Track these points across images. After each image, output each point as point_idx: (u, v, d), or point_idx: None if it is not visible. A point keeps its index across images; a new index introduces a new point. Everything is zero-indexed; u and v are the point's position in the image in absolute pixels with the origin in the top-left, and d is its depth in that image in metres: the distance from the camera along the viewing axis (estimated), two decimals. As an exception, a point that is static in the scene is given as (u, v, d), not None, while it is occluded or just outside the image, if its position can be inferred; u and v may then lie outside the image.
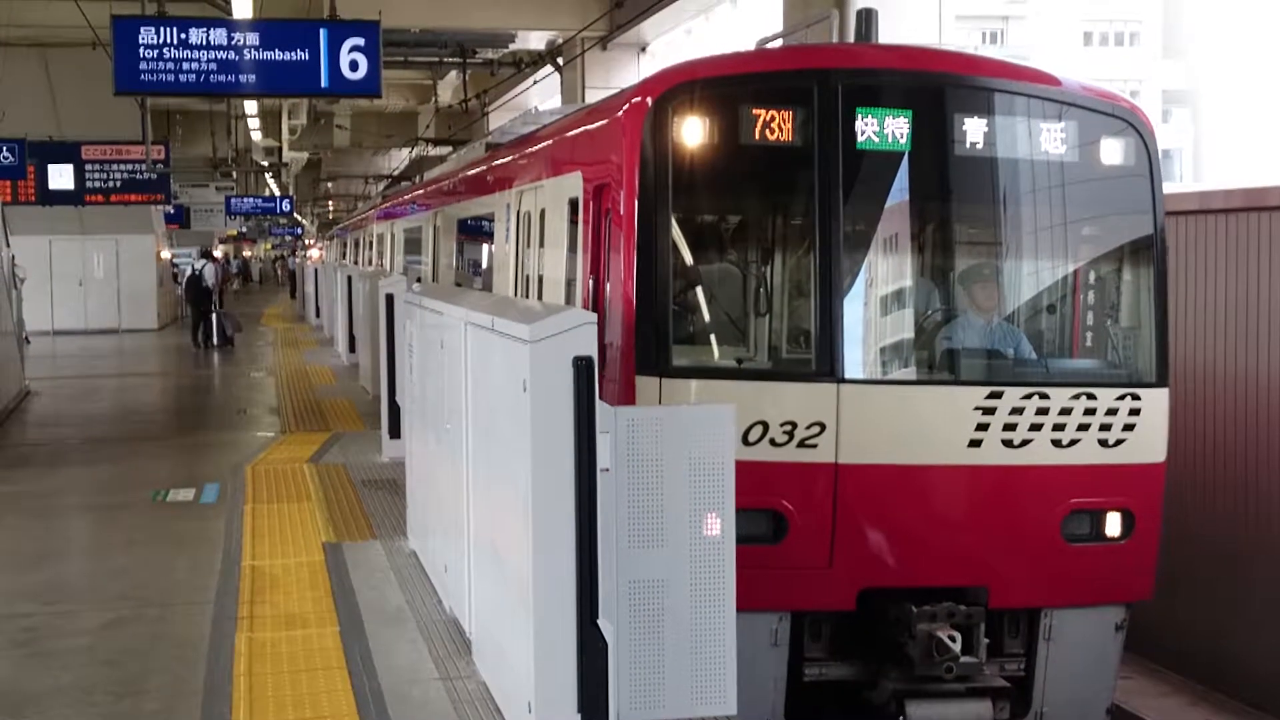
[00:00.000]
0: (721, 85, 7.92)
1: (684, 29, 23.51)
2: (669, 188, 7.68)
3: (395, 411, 11.72)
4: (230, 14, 17.72)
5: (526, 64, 28.93)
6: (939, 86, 7.99)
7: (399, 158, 48.70)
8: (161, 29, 11.84)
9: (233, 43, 11.99)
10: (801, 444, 7.46)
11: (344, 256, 40.04)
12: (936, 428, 7.61)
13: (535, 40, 28.56)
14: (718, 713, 5.61)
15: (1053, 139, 7.98)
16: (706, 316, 8.25)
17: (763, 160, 7.87)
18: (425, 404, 8.06)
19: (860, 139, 7.72)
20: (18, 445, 14.43)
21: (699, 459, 5.49)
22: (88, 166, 25.26)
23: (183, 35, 11.86)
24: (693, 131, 7.65)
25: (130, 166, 25.42)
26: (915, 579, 7.62)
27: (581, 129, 9.69)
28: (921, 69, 8.08)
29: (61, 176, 24.98)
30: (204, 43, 11.90)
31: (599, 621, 5.05)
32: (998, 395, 7.61)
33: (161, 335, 32.23)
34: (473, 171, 15.66)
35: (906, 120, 7.76)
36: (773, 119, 7.62)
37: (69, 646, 7.11)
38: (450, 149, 32.76)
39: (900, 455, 7.55)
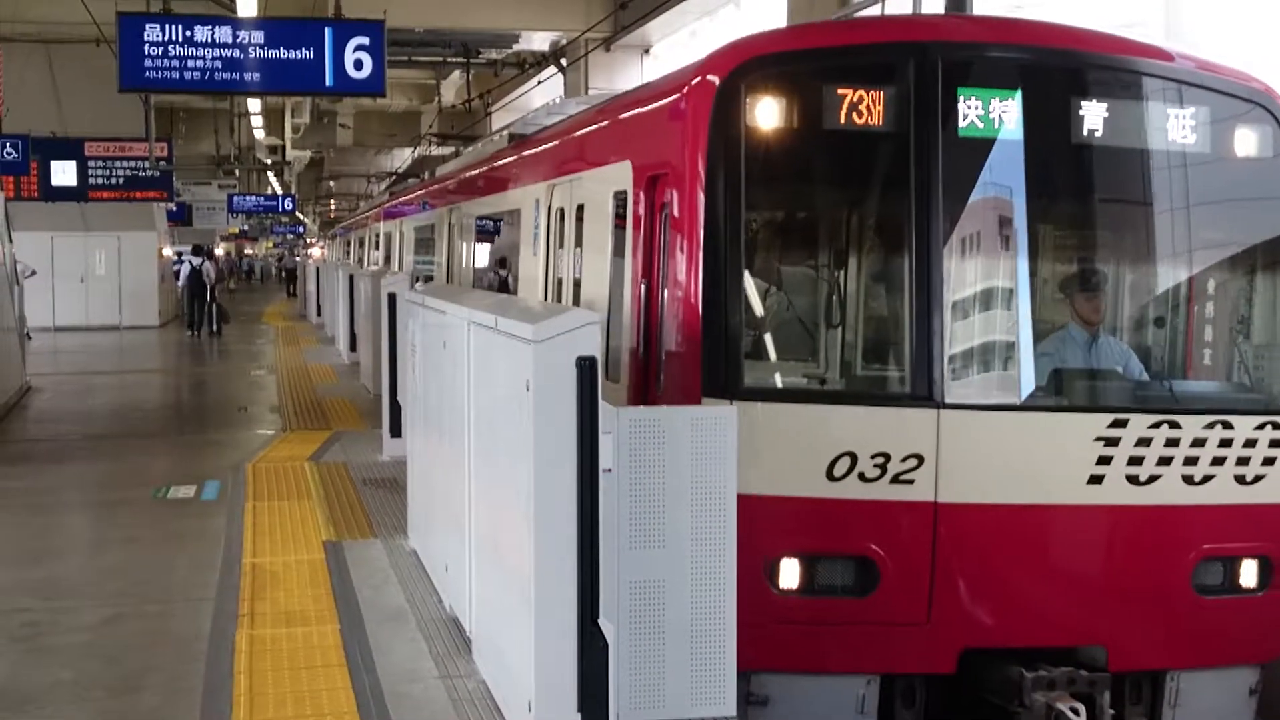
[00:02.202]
0: (801, 61, 6.84)
1: (688, 30, 23.46)
2: (741, 180, 6.61)
3: (396, 410, 11.72)
4: (235, 12, 17.72)
5: (530, 65, 28.93)
6: (1053, 65, 6.88)
7: (402, 157, 48.72)
8: (167, 26, 11.84)
9: (238, 41, 12.00)
10: (896, 479, 6.37)
11: (347, 256, 39.83)
12: (1052, 461, 6.50)
13: (539, 41, 28.55)
14: (716, 714, 5.61)
15: (1179, 126, 6.87)
16: (784, 330, 7.18)
17: (848, 148, 6.79)
18: (427, 403, 8.06)
19: (963, 124, 6.66)
20: (18, 441, 14.44)
21: (701, 460, 5.50)
22: (91, 163, 25.28)
23: (188, 33, 11.87)
24: (768, 114, 6.60)
25: (133, 164, 25.44)
26: (1025, 638, 6.54)
27: (632, 113, 8.59)
28: (1032, 43, 6.94)
29: (64, 173, 24.99)
30: (209, 40, 11.91)
31: (600, 621, 5.06)
32: (1122, 424, 6.50)
33: (163, 332, 32.24)
34: (494, 165, 14.29)
35: (1015, 103, 6.70)
36: (861, 100, 6.56)
37: (69, 643, 7.11)
38: (452, 149, 32.81)
39: (1009, 493, 6.45)
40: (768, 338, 7.10)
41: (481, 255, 15.07)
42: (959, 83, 6.65)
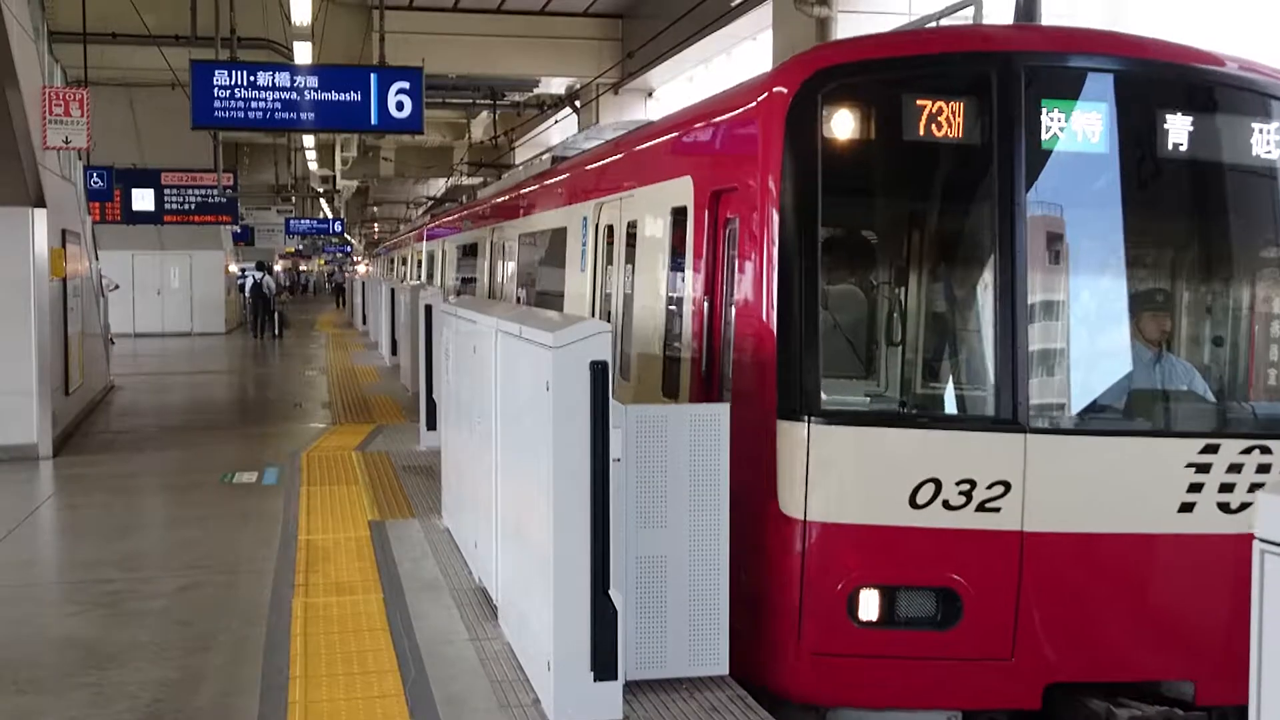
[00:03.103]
0: (878, 70, 5.90)
1: (686, 77, 23.48)
2: (816, 195, 5.75)
3: (432, 407, 11.71)
4: (293, 60, 17.77)
5: (548, 106, 28.97)
6: (1138, 75, 5.94)
7: (437, 186, 48.71)
8: (233, 72, 11.85)
9: (294, 85, 12.00)
10: (981, 507, 5.53)
11: (390, 272, 39.64)
12: (1141, 489, 5.63)
13: (556, 85, 28.58)
14: (711, 672, 5.61)
15: (1263, 139, 6.00)
16: (861, 351, 6.24)
17: (927, 161, 5.90)
18: (459, 400, 8.05)
19: (1045, 137, 5.78)
20: (103, 432, 14.44)
21: (698, 451, 5.50)
22: (166, 191, 25.30)
23: (251, 78, 11.88)
24: (844, 126, 5.73)
25: (203, 191, 25.45)
26: (1113, 672, 5.70)
27: (694, 128, 7.54)
28: (1116, 53, 5.98)
29: (143, 200, 25.01)
30: (270, 85, 11.91)
31: (610, 592, 5.05)
32: (1213, 449, 5.66)
33: (229, 338, 32.24)
34: (537, 186, 13.06)
35: (1100, 115, 5.83)
36: (940, 112, 5.71)
37: (147, 608, 7.12)
38: (480, 179, 32.82)
39: (1097, 522, 5.60)
40: (844, 358, 6.17)
41: (525, 274, 13.66)
42: (1042, 94, 5.79)
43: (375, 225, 73.31)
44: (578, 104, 26.64)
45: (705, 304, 6.69)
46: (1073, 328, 5.99)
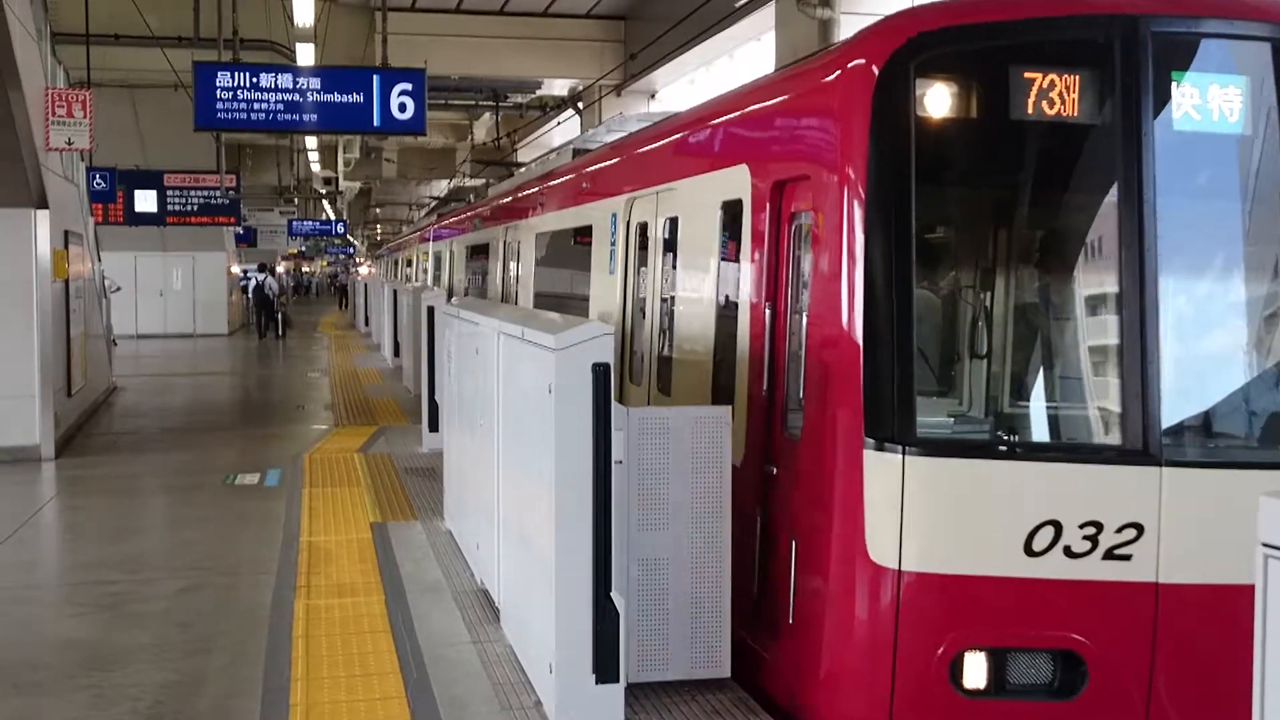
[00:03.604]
0: (980, 37, 5.00)
1: (688, 79, 23.48)
2: (910, 184, 4.90)
3: (434, 408, 11.72)
4: (295, 62, 17.78)
5: (550, 107, 28.98)
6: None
7: (439, 187, 48.72)
8: (236, 74, 11.86)
9: (297, 86, 12.01)
10: (1109, 554, 4.70)
11: (394, 275, 39.42)
12: None
13: (559, 87, 28.58)
14: (712, 675, 5.60)
15: None
16: (963, 368, 5.32)
17: (1039, 145, 5.03)
18: (461, 402, 8.05)
19: (1176, 115, 4.90)
20: (105, 433, 14.44)
21: (699, 454, 5.50)
22: (169, 192, 25.31)
23: (254, 79, 11.89)
24: (940, 103, 4.90)
25: (206, 192, 25.47)
26: None
27: (750, 110, 6.55)
28: (1260, 19, 5.03)
29: (146, 201, 25.02)
30: (272, 86, 11.92)
31: (612, 594, 5.04)
32: None
33: (231, 340, 32.25)
34: (557, 181, 12.03)
35: (1240, 91, 4.93)
36: (1052, 86, 4.85)
37: (149, 610, 7.11)
38: (483, 180, 32.81)
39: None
40: (944, 376, 5.30)
41: (543, 277, 12.53)
42: (1173, 65, 4.90)
43: (378, 227, 73.34)
44: (580, 105, 26.64)
45: (766, 311, 5.80)
46: (1211, 341, 5.07)
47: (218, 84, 11.81)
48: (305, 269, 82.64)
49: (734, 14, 17.88)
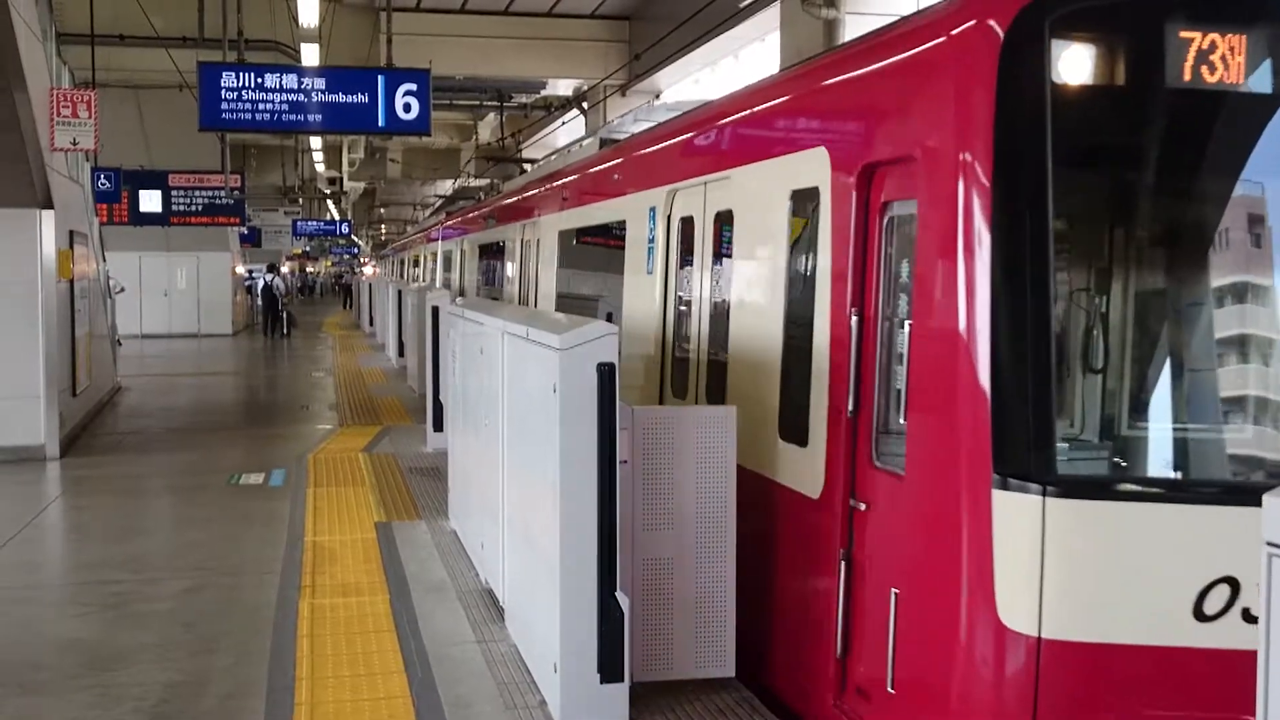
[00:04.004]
0: None
1: (693, 79, 23.48)
2: (1046, 166, 4.07)
3: (438, 408, 11.72)
4: (300, 62, 17.79)
5: (555, 108, 28.98)
6: None
7: (444, 187, 48.77)
8: (240, 74, 11.87)
9: (302, 87, 12.02)
10: None
11: (400, 275, 38.83)
12: None
13: (563, 87, 28.60)
14: (717, 674, 5.60)
15: None
16: (1113, 389, 4.29)
17: (1200, 119, 4.21)
18: (466, 402, 8.06)
19: None
20: (110, 433, 14.46)
21: (705, 454, 5.50)
22: (174, 192, 25.35)
23: (259, 80, 11.90)
24: (1082, 68, 4.07)
25: (210, 193, 25.51)
26: None
27: (829, 82, 5.60)
28: None
29: (151, 201, 25.07)
30: (277, 86, 11.93)
31: (616, 593, 5.04)
32: None
33: (236, 340, 32.30)
34: (583, 173, 11.01)
35: None
36: (1214, 48, 4.05)
37: (153, 610, 7.12)
38: (487, 180, 32.81)
39: None
40: (1090, 400, 4.28)
41: (566, 277, 11.50)
42: None
43: (382, 227, 73.43)
44: (585, 105, 26.65)
45: (851, 319, 4.97)
46: None
47: (222, 84, 11.82)
48: (310, 269, 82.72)
49: (738, 14, 17.88)
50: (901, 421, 4.63)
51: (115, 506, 10.21)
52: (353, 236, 66.98)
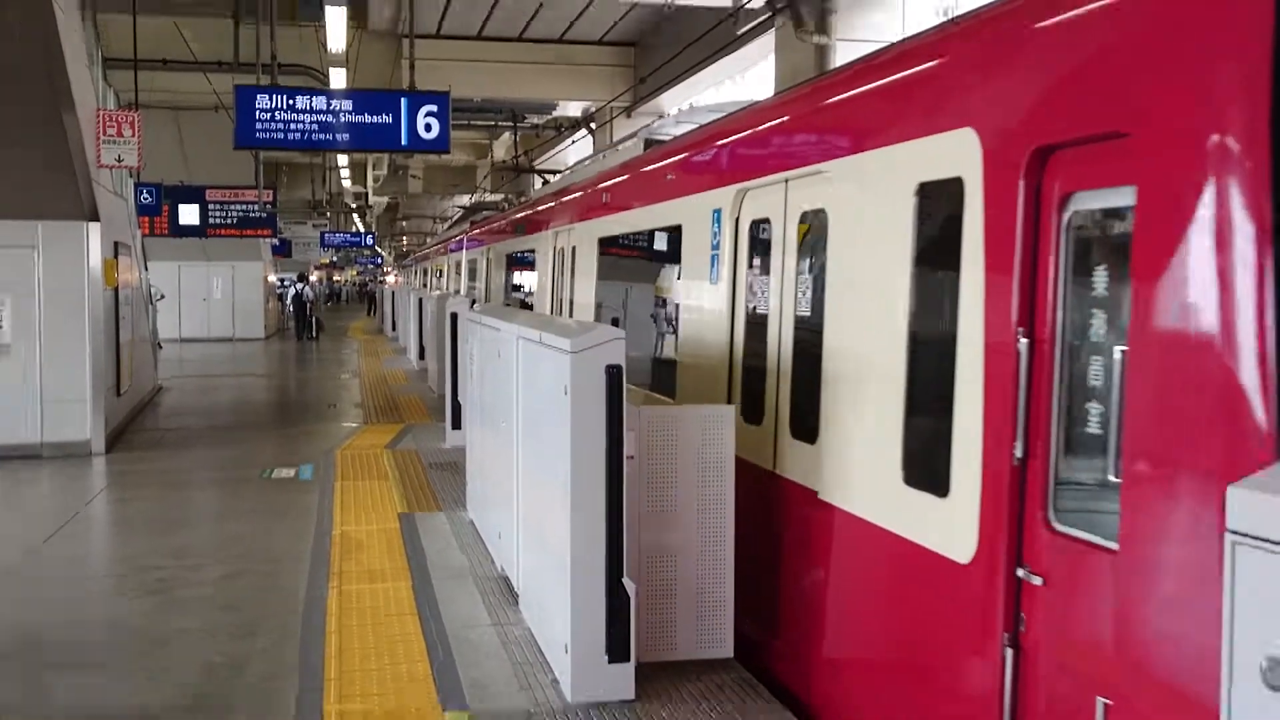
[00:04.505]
0: None
1: (694, 101, 23.51)
2: None
3: (457, 408, 11.75)
4: (329, 85, 17.85)
5: (565, 127, 29.03)
6: None
7: (462, 202, 48.81)
8: (274, 96, 11.92)
9: (330, 108, 12.06)
10: None
11: (424, 284, 38.27)
12: None
13: (573, 108, 28.65)
14: (717, 655, 5.63)
15: None
16: None
17: None
18: (483, 402, 8.09)
19: None
20: (152, 430, 14.51)
21: (705, 450, 5.53)
22: (211, 206, 25.39)
23: (291, 101, 11.95)
24: None
25: (245, 207, 25.55)
26: None
27: (983, 41, 4.24)
28: None
29: (189, 214, 25.09)
30: (308, 108, 11.97)
31: (623, 580, 5.07)
32: None
33: (268, 343, 32.33)
34: (628, 175, 9.46)
35: None
36: None
37: (195, 595, 7.16)
38: (503, 196, 32.83)
39: None
40: None
41: (608, 288, 10.09)
42: None
43: (404, 238, 73.51)
44: (593, 125, 26.69)
45: (1019, 343, 3.79)
46: None
47: (257, 106, 11.86)
48: (336, 278, 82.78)
49: (735, 41, 17.93)
50: (1109, 476, 3.42)
51: (156, 498, 10.25)
52: (376, 247, 67.03)
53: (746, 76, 20.81)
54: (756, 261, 6.39)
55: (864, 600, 4.84)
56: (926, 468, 4.36)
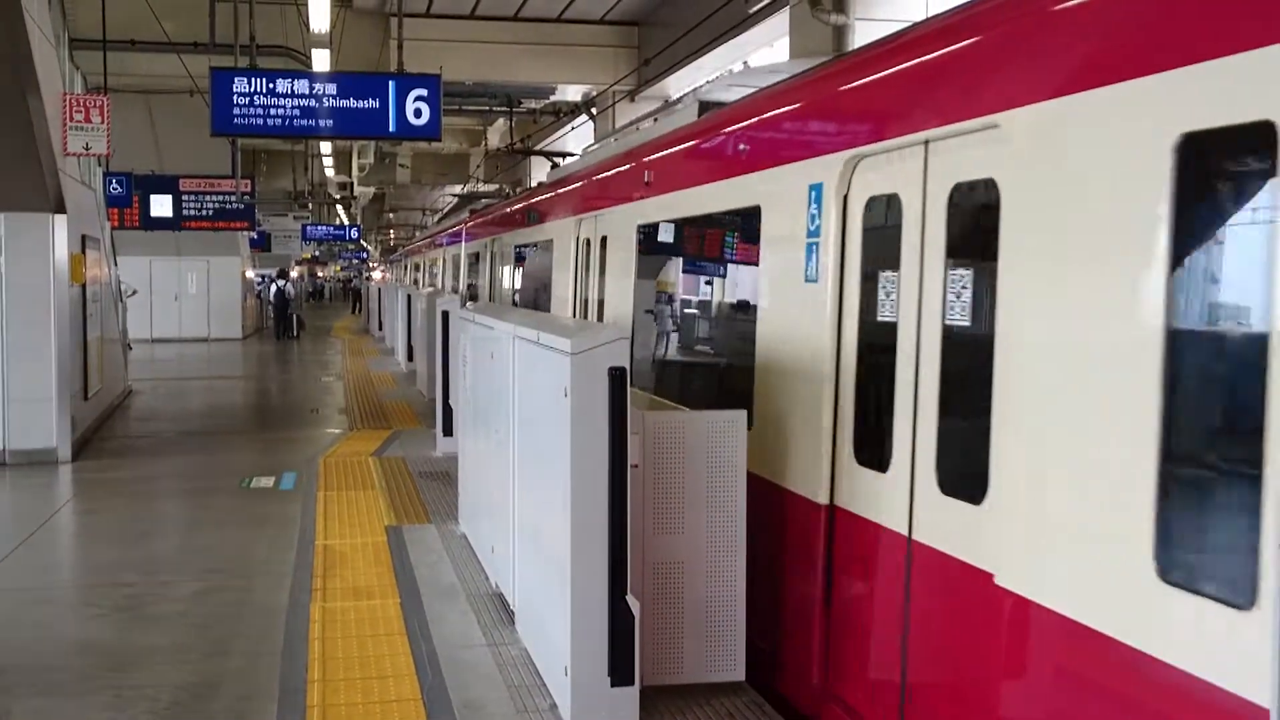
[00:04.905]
0: None
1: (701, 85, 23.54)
2: None
3: (448, 412, 11.75)
4: (311, 67, 17.84)
5: (564, 113, 29.03)
6: None
7: (453, 192, 48.85)
8: (252, 79, 11.91)
9: (313, 92, 12.06)
10: None
11: (414, 281, 37.84)
12: None
13: (572, 93, 28.63)
14: (727, 679, 5.62)
15: None
16: None
17: None
18: (476, 406, 8.08)
19: None
20: (122, 437, 14.50)
21: (715, 458, 5.51)
22: (184, 197, 25.46)
23: (270, 85, 11.94)
24: None
25: (221, 197, 25.61)
26: None
27: None
28: None
29: (162, 206, 25.18)
30: (289, 92, 11.97)
31: (627, 597, 5.06)
32: None
33: (246, 343, 32.35)
34: (679, 148, 8.05)
35: None
36: None
37: (166, 612, 7.14)
38: (498, 186, 32.83)
39: None
40: None
41: (649, 288, 8.86)
42: None
43: (391, 232, 73.55)
44: (594, 111, 26.69)
45: None
46: None
47: (234, 89, 11.86)
48: (319, 274, 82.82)
49: (748, 20, 17.91)
50: None
51: (127, 509, 10.24)
52: (362, 241, 67.07)
53: (755, 60, 20.79)
54: (876, 253, 5.20)
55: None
56: (1202, 561, 3.13)
